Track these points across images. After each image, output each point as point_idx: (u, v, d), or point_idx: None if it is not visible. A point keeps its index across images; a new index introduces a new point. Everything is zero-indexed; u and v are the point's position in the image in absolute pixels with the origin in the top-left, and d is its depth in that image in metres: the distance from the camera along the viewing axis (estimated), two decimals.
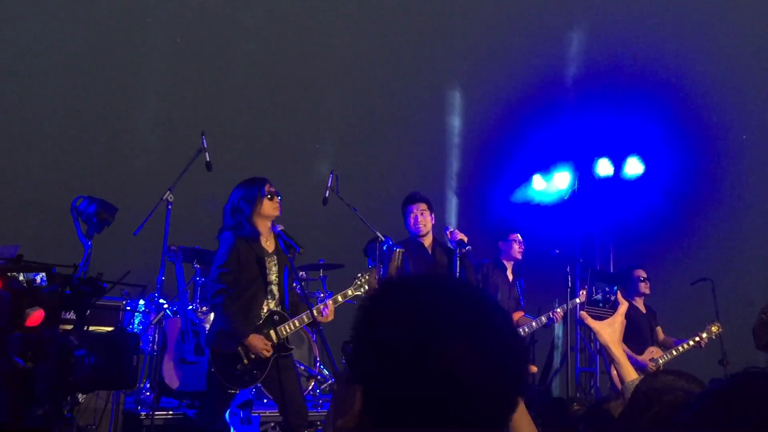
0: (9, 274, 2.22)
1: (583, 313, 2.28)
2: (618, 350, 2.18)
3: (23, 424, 2.00)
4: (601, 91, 8.23)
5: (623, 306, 2.23)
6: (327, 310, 4.49)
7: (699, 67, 8.21)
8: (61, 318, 2.20)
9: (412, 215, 5.32)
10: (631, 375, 2.15)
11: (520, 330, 5.74)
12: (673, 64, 8.19)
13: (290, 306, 4.56)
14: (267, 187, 4.51)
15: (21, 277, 2.41)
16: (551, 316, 5.82)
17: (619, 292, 5.81)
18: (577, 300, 6.08)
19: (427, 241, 5.34)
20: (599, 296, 6.84)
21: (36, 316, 2.08)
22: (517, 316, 5.89)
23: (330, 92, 8.66)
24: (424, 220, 5.27)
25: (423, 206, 5.32)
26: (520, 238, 6.11)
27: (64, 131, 7.49)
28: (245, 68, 8.28)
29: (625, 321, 2.23)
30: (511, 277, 6.09)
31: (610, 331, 2.19)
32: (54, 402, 2.07)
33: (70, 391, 2.19)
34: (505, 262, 6.13)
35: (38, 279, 2.45)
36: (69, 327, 2.45)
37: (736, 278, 7.90)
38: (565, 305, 5.90)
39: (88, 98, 7.56)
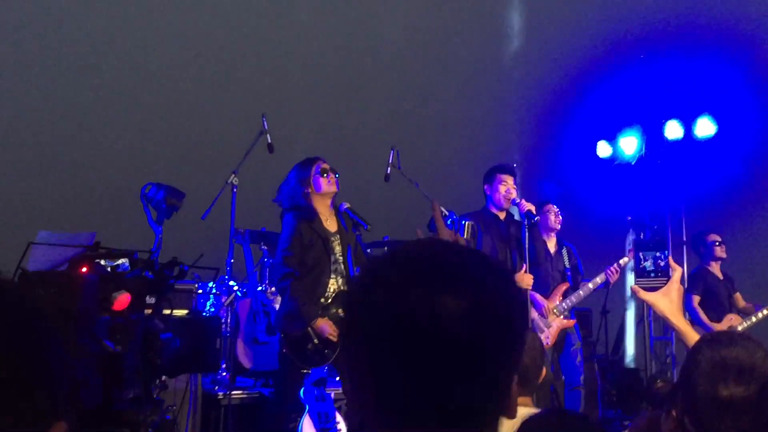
0: (94, 260, 2.26)
1: (635, 287, 2.11)
2: (678, 320, 2.04)
3: (115, 407, 2.05)
4: (667, 46, 7.84)
5: (677, 272, 2.08)
6: None
7: None
8: (145, 301, 2.24)
9: (503, 185, 5.17)
10: None
11: (570, 299, 5.54)
12: (749, 14, 7.72)
13: None
14: (321, 165, 4.51)
15: (103, 262, 2.45)
16: (606, 275, 5.61)
17: (670, 257, 5.47)
18: (626, 259, 5.81)
19: (503, 215, 5.24)
20: (649, 263, 6.51)
21: (122, 300, 2.12)
22: (563, 287, 5.62)
23: (388, 68, 8.58)
24: (513, 193, 5.14)
25: (512, 179, 5.20)
26: (555, 208, 5.86)
27: (130, 119, 7.65)
28: (303, 48, 8.27)
29: (682, 288, 2.09)
30: (553, 249, 5.83)
31: (666, 301, 2.04)
32: (144, 385, 2.11)
33: (158, 373, 2.23)
34: (545, 236, 5.81)
35: (118, 264, 2.49)
36: (149, 311, 2.48)
37: None
38: (618, 263, 5.69)
39: (151, 86, 7.68)
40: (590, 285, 5.62)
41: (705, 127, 7.60)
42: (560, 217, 5.85)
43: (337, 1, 8.45)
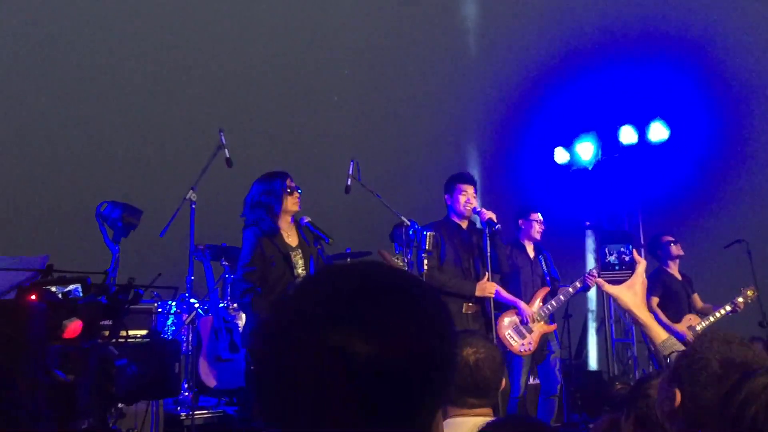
0: (42, 287, 2.19)
1: (599, 280, 2.13)
2: (642, 313, 2.05)
3: None
4: (621, 53, 8.00)
5: (641, 264, 2.09)
6: None
7: (726, 24, 7.95)
8: (99, 328, 2.17)
9: (463, 195, 5.18)
10: (661, 336, 2.04)
11: (551, 304, 5.61)
12: (699, 22, 7.93)
13: None
14: (288, 182, 4.48)
15: (53, 288, 2.38)
16: (585, 280, 5.68)
17: (635, 250, 5.53)
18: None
19: (465, 223, 5.25)
20: (613, 258, 6.59)
21: (74, 327, 2.05)
22: (543, 292, 5.70)
23: (344, 79, 8.57)
24: (474, 201, 5.17)
25: (472, 188, 5.22)
26: (540, 217, 5.91)
27: (83, 135, 7.49)
28: (260, 60, 8.22)
29: (646, 281, 2.10)
30: (532, 255, 5.91)
31: (630, 294, 2.06)
32: (98, 414, 2.04)
33: (113, 402, 2.15)
34: (525, 243, 5.90)
35: (70, 289, 2.42)
36: (105, 336, 2.41)
37: None
38: (593, 270, 5.79)
39: (105, 102, 7.54)
40: (570, 289, 5.67)
41: (658, 132, 7.77)
42: (543, 227, 5.90)
43: (295, 13, 8.42)
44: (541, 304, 5.60)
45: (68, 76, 7.51)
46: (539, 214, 5.93)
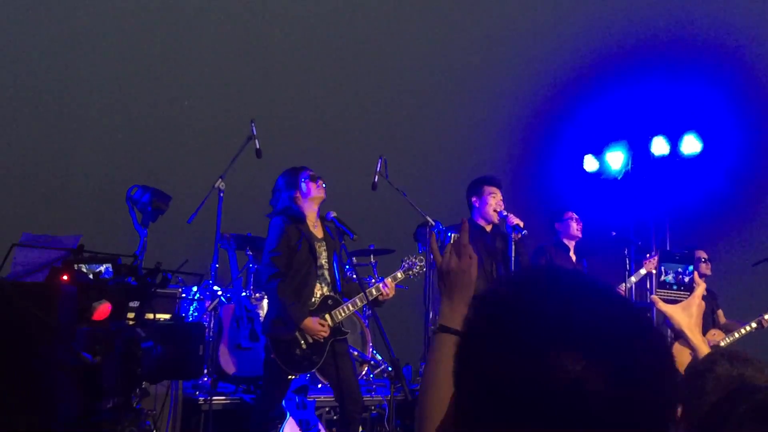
0: (75, 266, 2.24)
1: (655, 297, 2.09)
2: (696, 337, 2.03)
3: (93, 419, 2.02)
4: (655, 64, 7.92)
5: (700, 287, 2.07)
6: (387, 288, 4.49)
7: (763, 35, 7.82)
8: (127, 310, 2.22)
9: (492, 198, 5.13)
10: None
11: None
12: (735, 33, 7.82)
13: (344, 292, 4.57)
14: (309, 172, 4.56)
15: (84, 269, 2.44)
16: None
17: (695, 272, 5.42)
18: (642, 271, 5.90)
19: (489, 227, 5.22)
20: (670, 277, 6.49)
21: (103, 310, 2.10)
22: None
23: (377, 78, 8.59)
24: (501, 205, 5.13)
25: (499, 191, 5.18)
26: (576, 216, 5.90)
27: (117, 121, 7.61)
28: (295, 54, 8.27)
29: (703, 304, 2.09)
30: (574, 258, 5.88)
31: (685, 315, 2.02)
32: (123, 394, 2.09)
33: (138, 382, 2.21)
34: (566, 242, 5.89)
35: (102, 269, 2.47)
36: (131, 317, 2.46)
37: None
38: (623, 284, 5.75)
39: (139, 87, 7.65)
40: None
41: (691, 145, 7.68)
42: (581, 224, 5.87)
43: (330, 7, 8.46)
44: None
45: (106, 61, 7.63)
46: (574, 212, 5.90)
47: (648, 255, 6.13)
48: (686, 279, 2.08)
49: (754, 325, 6.13)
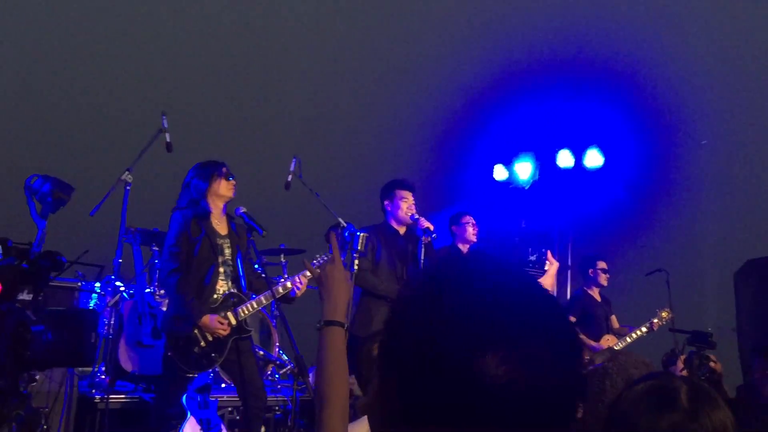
0: None
1: None
2: None
3: None
4: (562, 83, 8.30)
5: (553, 266, 2.21)
6: (301, 284, 4.48)
7: (660, 57, 8.34)
8: (18, 292, 2.13)
9: (404, 201, 5.21)
10: None
11: None
12: (635, 55, 8.30)
13: (251, 289, 4.53)
14: (223, 169, 4.51)
15: None
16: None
17: (549, 252, 5.63)
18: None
19: (402, 229, 5.31)
20: (534, 257, 6.76)
21: None
22: None
23: (295, 77, 8.57)
24: (413, 209, 5.21)
25: (412, 195, 5.26)
26: (473, 220, 6.03)
27: (19, 107, 7.26)
28: (208, 47, 8.14)
29: (555, 283, 2.21)
30: None
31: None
32: (10, 377, 2.01)
33: (26, 367, 2.12)
34: (460, 246, 6.03)
35: None
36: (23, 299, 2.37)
37: (691, 271, 8.08)
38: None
39: (44, 73, 7.34)
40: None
41: (594, 158, 8.08)
42: (477, 229, 5.99)
43: (243, 3, 8.38)
44: None
45: (10, 46, 7.28)
46: (471, 217, 6.03)
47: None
48: (544, 259, 2.24)
49: (644, 329, 6.49)
